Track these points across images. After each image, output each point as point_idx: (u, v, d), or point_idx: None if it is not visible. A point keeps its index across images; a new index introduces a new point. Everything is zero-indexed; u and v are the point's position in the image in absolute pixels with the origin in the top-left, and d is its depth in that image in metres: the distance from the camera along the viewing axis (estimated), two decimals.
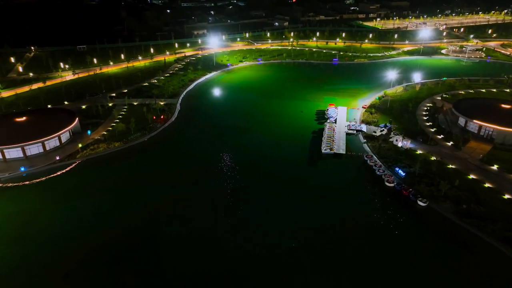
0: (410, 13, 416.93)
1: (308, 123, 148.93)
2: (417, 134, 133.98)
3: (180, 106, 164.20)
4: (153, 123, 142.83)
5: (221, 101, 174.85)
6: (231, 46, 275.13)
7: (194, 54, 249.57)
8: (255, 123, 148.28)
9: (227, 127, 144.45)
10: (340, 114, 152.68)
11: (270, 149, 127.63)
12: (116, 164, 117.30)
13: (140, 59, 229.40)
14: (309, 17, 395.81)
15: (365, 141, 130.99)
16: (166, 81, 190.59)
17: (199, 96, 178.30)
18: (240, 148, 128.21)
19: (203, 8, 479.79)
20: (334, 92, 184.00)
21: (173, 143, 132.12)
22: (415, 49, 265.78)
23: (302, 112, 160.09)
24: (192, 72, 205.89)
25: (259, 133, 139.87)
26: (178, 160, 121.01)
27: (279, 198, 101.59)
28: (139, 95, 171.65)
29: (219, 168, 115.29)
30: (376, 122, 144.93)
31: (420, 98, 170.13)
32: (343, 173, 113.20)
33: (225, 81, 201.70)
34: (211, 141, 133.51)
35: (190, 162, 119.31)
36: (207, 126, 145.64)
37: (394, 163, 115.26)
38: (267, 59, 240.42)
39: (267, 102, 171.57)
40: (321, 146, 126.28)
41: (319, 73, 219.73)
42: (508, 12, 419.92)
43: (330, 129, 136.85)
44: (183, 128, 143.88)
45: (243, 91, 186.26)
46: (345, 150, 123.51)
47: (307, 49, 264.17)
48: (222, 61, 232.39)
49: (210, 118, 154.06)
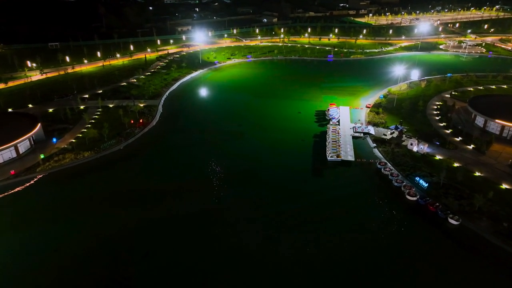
0: (401, 9, 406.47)
1: (308, 126, 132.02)
2: (432, 136, 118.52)
3: (163, 108, 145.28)
4: (130, 128, 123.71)
5: (209, 102, 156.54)
6: (218, 42, 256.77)
7: (178, 51, 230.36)
8: (248, 127, 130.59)
9: (216, 132, 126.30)
10: (343, 115, 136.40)
11: (268, 157, 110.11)
12: (84, 179, 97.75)
13: (118, 56, 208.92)
14: (298, 14, 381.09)
15: (375, 146, 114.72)
16: (147, 81, 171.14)
17: (184, 97, 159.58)
18: (232, 156, 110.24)
19: (187, 5, 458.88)
20: (332, 90, 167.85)
21: (154, 152, 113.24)
22: (413, 45, 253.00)
23: (300, 113, 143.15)
24: (176, 70, 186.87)
25: (253, 138, 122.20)
26: (159, 172, 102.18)
27: (279, 219, 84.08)
28: (116, 96, 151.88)
29: (208, 183, 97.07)
30: (385, 123, 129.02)
31: (427, 96, 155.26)
32: (354, 185, 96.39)
33: (213, 79, 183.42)
34: (198, 148, 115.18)
35: (173, 175, 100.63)
36: (194, 131, 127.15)
37: (412, 171, 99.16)
38: (257, 56, 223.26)
39: (260, 102, 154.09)
40: (325, 152, 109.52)
41: (314, 70, 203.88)
42: (499, 8, 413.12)
43: (334, 132, 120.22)
44: (166, 134, 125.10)
45: (233, 90, 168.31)
46: (354, 157, 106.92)
47: (299, 46, 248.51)
48: (209, 58, 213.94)
49: (197, 121, 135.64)
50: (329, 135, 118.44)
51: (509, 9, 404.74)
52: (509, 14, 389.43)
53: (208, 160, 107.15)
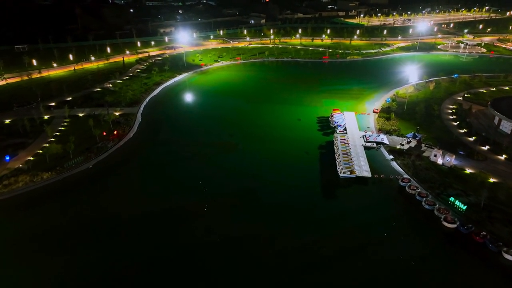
0: (391, 10, 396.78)
1: (311, 135, 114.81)
2: (455, 145, 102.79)
3: (142, 116, 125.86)
4: (102, 142, 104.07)
5: (196, 109, 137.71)
6: (203, 44, 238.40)
7: (160, 54, 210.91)
8: (241, 137, 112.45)
9: (205, 144, 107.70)
10: (349, 122, 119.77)
11: (267, 174, 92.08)
12: (40, 208, 77.77)
13: (93, 59, 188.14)
14: (286, 15, 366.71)
15: (392, 158, 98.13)
16: (124, 85, 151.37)
17: (167, 103, 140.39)
18: (225, 174, 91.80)
19: (170, 7, 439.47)
20: (333, 93, 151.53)
21: (130, 171, 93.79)
22: (410, 45, 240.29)
23: (300, 120, 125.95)
24: (157, 74, 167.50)
25: (249, 151, 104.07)
26: (136, 197, 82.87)
27: (285, 259, 66.11)
28: (87, 103, 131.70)
29: (197, 209, 78.42)
30: (398, 131, 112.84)
31: (438, 99, 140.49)
32: (375, 209, 79.16)
33: (199, 83, 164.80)
34: (184, 165, 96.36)
35: (153, 201, 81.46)
36: (178, 143, 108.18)
37: (442, 189, 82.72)
38: (246, 57, 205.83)
39: (254, 108, 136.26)
40: (336, 167, 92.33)
41: (309, 72, 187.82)
42: (489, 9, 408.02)
43: (343, 143, 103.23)
44: (145, 147, 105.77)
45: (222, 95, 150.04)
46: (370, 172, 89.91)
47: (290, 47, 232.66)
48: (194, 60, 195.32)
49: (182, 131, 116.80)
50: (337, 146, 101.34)
51: (499, 9, 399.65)
52: (499, 14, 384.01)
53: (196, 180, 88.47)
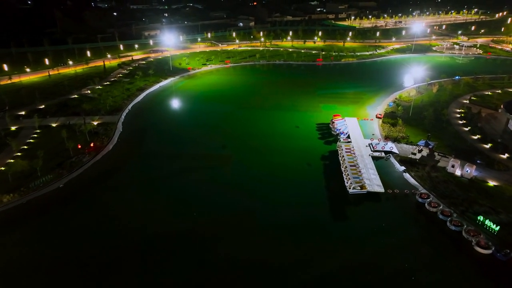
0: (381, 12, 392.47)
1: (311, 144, 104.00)
2: (470, 154, 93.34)
3: (123, 126, 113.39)
4: (77, 156, 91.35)
5: (183, 117, 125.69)
6: (191, 47, 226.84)
7: (144, 57, 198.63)
8: (235, 148, 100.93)
9: (194, 157, 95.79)
10: (352, 128, 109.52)
11: (266, 191, 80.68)
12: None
13: (71, 64, 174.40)
14: (275, 18, 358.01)
15: (404, 169, 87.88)
16: (104, 91, 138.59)
17: (152, 111, 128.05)
18: (218, 193, 80.00)
19: (155, 10, 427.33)
20: (330, 98, 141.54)
21: (106, 191, 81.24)
22: (405, 47, 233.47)
23: (298, 127, 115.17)
24: (141, 78, 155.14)
25: (244, 164, 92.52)
26: (112, 223, 70.47)
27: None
28: (62, 112, 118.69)
29: (184, 240, 66.52)
30: (407, 138, 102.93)
31: (443, 102, 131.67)
32: (393, 231, 68.31)
33: (187, 89, 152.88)
34: (170, 184, 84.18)
35: (130, 232, 68.95)
36: (163, 156, 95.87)
37: (467, 206, 72.63)
38: (236, 61, 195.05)
39: (247, 115, 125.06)
40: (343, 181, 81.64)
41: (304, 75, 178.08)
42: (478, 11, 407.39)
43: (349, 152, 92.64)
44: (125, 161, 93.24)
45: (212, 101, 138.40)
46: (382, 186, 79.35)
47: (282, 49, 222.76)
48: (181, 64, 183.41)
49: (168, 143, 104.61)
50: (343, 157, 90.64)
51: (488, 11, 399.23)
52: (488, 16, 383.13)
53: (185, 201, 76.55)
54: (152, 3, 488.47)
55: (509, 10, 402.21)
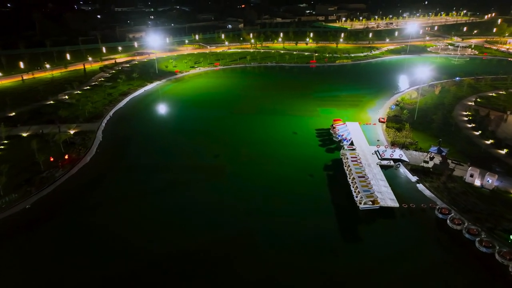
0: (371, 14, 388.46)
1: (312, 152, 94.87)
2: (486, 160, 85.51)
3: (104, 134, 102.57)
4: (49, 170, 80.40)
5: (171, 124, 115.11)
6: (178, 50, 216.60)
7: (129, 60, 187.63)
8: (229, 157, 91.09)
9: (183, 169, 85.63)
10: (355, 134, 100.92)
11: (266, 209, 71.01)
12: None
13: (48, 67, 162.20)
14: (265, 20, 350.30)
15: (416, 179, 79.38)
16: (84, 97, 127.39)
17: (136, 117, 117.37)
18: (211, 212, 70.06)
19: (141, 12, 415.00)
20: (327, 101, 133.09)
21: (82, 211, 70.46)
22: (400, 48, 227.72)
23: (296, 133, 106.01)
24: (124, 82, 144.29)
25: (239, 177, 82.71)
26: (83, 258, 59.88)
27: None
28: (35, 120, 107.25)
29: (170, 273, 56.41)
30: (415, 144, 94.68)
31: (448, 105, 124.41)
32: (414, 255, 59.12)
33: (174, 93, 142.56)
34: (155, 201, 73.82)
35: (105, 265, 58.62)
36: (148, 169, 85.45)
37: (494, 222, 64.25)
38: (226, 63, 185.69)
39: (240, 120, 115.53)
40: (352, 194, 72.63)
41: (297, 77, 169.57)
42: (467, 13, 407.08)
43: (355, 161, 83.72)
44: (105, 176, 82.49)
45: (201, 106, 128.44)
46: (396, 200, 70.51)
47: (273, 51, 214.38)
48: (168, 67, 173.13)
49: (154, 153, 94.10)
50: (349, 167, 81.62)
51: (478, 13, 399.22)
52: (478, 18, 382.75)
53: (172, 223, 66.40)
54: (137, 5, 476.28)
55: (497, 11, 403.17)
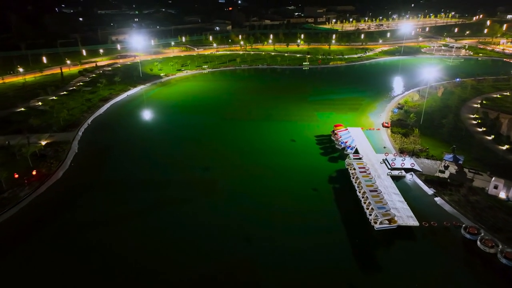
0: (360, 16, 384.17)
1: (313, 161, 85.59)
2: (506, 168, 77.65)
3: (80, 145, 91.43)
4: (12, 189, 69.12)
5: (155, 132, 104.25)
6: (164, 52, 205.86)
7: (111, 63, 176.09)
8: (221, 170, 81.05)
9: (169, 185, 75.29)
10: (358, 140, 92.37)
11: (266, 232, 61.16)
12: None
13: (22, 71, 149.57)
14: (253, 22, 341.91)
15: (433, 192, 70.77)
16: (59, 103, 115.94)
17: (117, 125, 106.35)
18: (205, 235, 60.00)
19: (125, 15, 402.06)
20: (325, 105, 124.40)
21: (51, 239, 59.49)
22: (394, 49, 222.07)
23: (294, 141, 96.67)
24: (105, 87, 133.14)
25: (234, 193, 72.73)
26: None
27: None
28: (1, 129, 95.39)
29: None
30: (425, 151, 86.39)
31: (453, 107, 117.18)
32: (442, 286, 50.44)
33: (160, 97, 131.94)
34: (135, 227, 63.34)
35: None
36: (131, 185, 74.86)
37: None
38: (215, 66, 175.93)
39: (232, 127, 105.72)
40: (365, 212, 63.53)
41: (290, 80, 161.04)
42: (455, 15, 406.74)
43: (364, 172, 74.67)
44: (80, 195, 71.51)
45: (189, 112, 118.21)
46: (415, 218, 61.60)
47: (264, 53, 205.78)
48: (152, 70, 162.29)
49: (136, 166, 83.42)
50: (358, 179, 72.53)
51: (466, 15, 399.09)
52: (466, 19, 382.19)
53: (156, 252, 56.05)
54: (122, 8, 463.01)
55: (485, 13, 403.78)
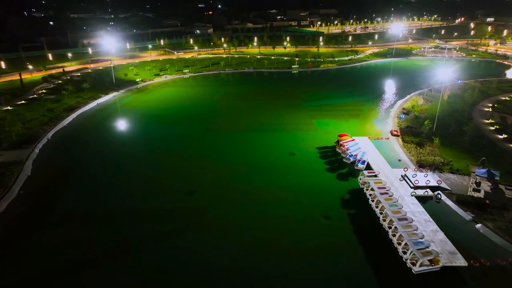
0: (343, 19, 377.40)
1: (319, 180, 71.65)
2: None
3: (34, 166, 74.72)
4: None
5: (129, 147, 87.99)
6: (141, 56, 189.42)
7: (81, 68, 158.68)
8: (210, 195, 65.98)
9: (143, 218, 59.64)
10: (368, 153, 79.30)
11: (273, 282, 46.77)
12: None
13: None
14: (235, 25, 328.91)
15: (471, 217, 57.93)
16: (14, 114, 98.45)
17: (82, 140, 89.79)
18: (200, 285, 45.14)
19: (100, 19, 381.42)
20: (322, 111, 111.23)
21: None
22: (384, 51, 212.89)
23: (294, 154, 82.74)
24: (71, 95, 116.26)
25: (227, 225, 57.79)
26: None
27: None
28: None
29: None
30: (448, 163, 73.99)
31: (463, 112, 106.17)
32: None
33: (135, 106, 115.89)
34: (98, 281, 47.74)
35: None
36: (94, 221, 58.88)
37: None
38: (197, 70, 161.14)
39: (219, 139, 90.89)
40: (396, 247, 49.96)
41: (281, 84, 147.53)
42: (437, 18, 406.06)
43: (385, 194, 61.16)
44: (26, 236, 55.11)
45: (169, 122, 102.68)
46: (461, 255, 48.41)
47: (249, 56, 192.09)
48: (127, 75, 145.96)
49: (102, 193, 67.32)
50: (379, 202, 58.95)
51: (450, 17, 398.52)
52: (449, 22, 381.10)
53: None
54: (97, 12, 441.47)
55: (466, 16, 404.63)
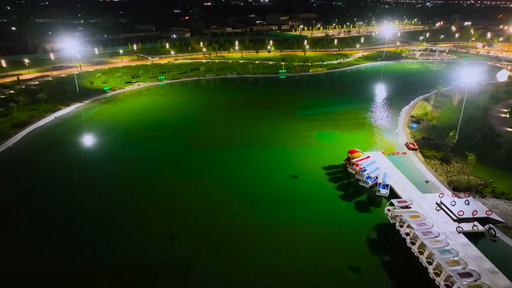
0: (324, 23, 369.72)
1: (334, 213, 56.50)
2: None
3: None
4: None
5: (91, 172, 70.12)
6: (110, 62, 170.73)
7: (39, 76, 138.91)
8: (193, 241, 49.49)
9: (109, 279, 42.73)
10: (389, 174, 64.98)
11: None
12: None
13: None
14: (214, 29, 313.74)
15: None
16: None
17: (32, 165, 71.43)
18: None
19: (68, 24, 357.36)
20: (320, 121, 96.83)
21: None
22: (372, 54, 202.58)
23: (297, 177, 67.42)
24: (24, 107, 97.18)
25: (218, 286, 41.91)
26: None
27: None
28: None
29: None
30: (489, 185, 60.57)
31: (479, 119, 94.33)
32: None
33: (101, 119, 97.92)
34: None
35: None
36: (35, 281, 41.54)
37: None
38: (174, 76, 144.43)
39: (201, 159, 74.58)
40: None
41: (268, 91, 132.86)
42: (418, 22, 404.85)
43: (429, 234, 46.51)
44: None
45: (142, 139, 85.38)
46: None
47: (231, 61, 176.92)
48: (93, 83, 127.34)
49: (49, 242, 49.86)
50: (426, 249, 44.21)
51: (430, 21, 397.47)
52: (429, 26, 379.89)
53: None
54: (65, 17, 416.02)
55: (444, 20, 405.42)
